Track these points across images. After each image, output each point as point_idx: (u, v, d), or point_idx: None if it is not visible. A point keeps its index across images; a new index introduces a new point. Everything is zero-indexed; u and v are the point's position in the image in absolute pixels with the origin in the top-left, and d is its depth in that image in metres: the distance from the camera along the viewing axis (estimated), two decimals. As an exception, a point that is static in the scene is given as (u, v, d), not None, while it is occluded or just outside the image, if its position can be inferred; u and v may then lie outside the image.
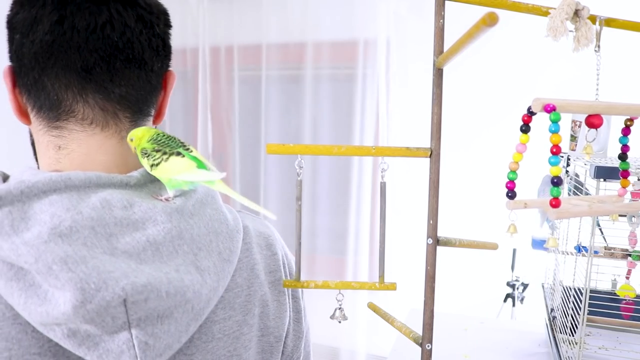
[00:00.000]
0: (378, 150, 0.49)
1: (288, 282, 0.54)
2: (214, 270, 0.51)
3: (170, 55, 0.62)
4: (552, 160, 0.47)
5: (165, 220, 0.49)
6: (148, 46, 0.57)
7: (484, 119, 2.11)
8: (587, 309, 0.87)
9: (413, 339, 0.53)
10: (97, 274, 0.43)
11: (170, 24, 0.61)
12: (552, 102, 0.45)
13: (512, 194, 0.51)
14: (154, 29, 0.58)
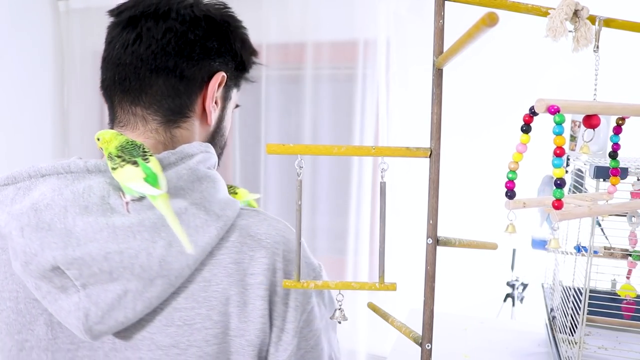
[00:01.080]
0: (378, 150, 0.49)
1: (288, 283, 0.54)
2: (164, 255, 0.54)
3: (214, 57, 0.68)
4: (555, 162, 0.46)
5: (134, 213, 0.55)
6: (175, 54, 0.65)
7: (484, 119, 2.11)
8: (586, 308, 0.87)
9: (413, 339, 0.53)
10: (39, 243, 0.53)
11: (216, 27, 0.68)
12: (556, 103, 0.45)
13: (512, 193, 0.51)
14: (186, 37, 0.65)
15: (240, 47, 0.71)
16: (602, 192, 0.59)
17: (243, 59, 0.72)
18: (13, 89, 2.63)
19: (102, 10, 0.82)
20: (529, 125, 0.50)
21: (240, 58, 0.72)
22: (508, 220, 0.51)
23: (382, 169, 0.51)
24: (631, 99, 0.58)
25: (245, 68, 0.74)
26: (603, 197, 0.58)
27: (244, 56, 0.72)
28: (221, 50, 0.69)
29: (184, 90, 0.66)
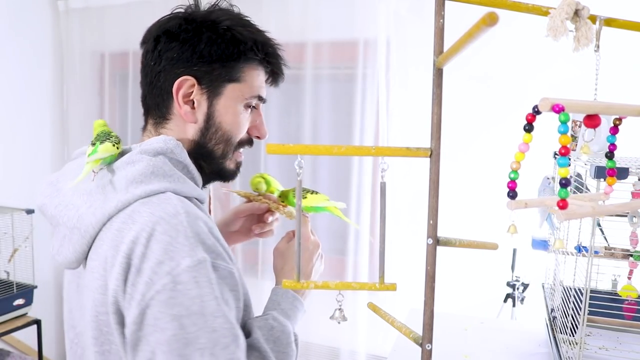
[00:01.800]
0: (378, 150, 0.49)
1: (288, 283, 0.54)
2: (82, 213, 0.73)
3: (176, 65, 0.81)
4: (560, 161, 0.46)
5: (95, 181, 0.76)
6: (150, 71, 0.83)
7: (484, 118, 2.11)
8: (587, 309, 0.86)
9: (413, 339, 0.53)
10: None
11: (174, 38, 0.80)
12: (561, 102, 0.44)
13: (514, 194, 0.51)
14: (153, 53, 0.82)
15: (208, 46, 0.79)
16: (600, 193, 0.59)
17: (216, 57, 0.80)
18: (12, 89, 2.63)
19: (102, 10, 0.85)
20: (531, 124, 0.49)
21: (210, 57, 0.80)
22: (510, 220, 0.51)
23: (382, 169, 0.50)
24: (631, 99, 0.58)
25: (228, 62, 0.81)
26: (600, 198, 0.58)
27: (219, 53, 0.80)
28: (184, 57, 0.80)
29: (161, 99, 0.83)
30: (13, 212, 2.17)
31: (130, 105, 2.74)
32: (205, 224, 0.72)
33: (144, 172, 0.74)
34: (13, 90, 2.63)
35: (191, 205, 0.73)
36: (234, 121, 0.83)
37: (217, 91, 0.81)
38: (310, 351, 2.47)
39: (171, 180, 0.76)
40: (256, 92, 0.84)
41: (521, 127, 0.52)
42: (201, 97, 0.81)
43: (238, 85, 0.82)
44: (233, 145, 0.85)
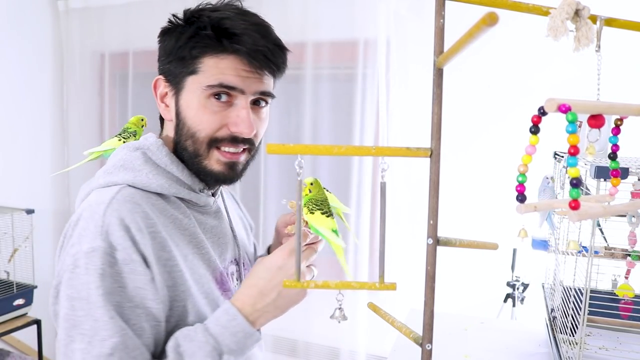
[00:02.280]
0: (378, 150, 0.49)
1: (288, 282, 0.54)
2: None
3: (160, 63, 0.83)
4: (570, 162, 0.45)
5: None
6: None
7: (484, 119, 2.11)
8: (587, 309, 0.86)
9: (413, 339, 0.53)
10: None
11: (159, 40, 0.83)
12: (567, 102, 0.44)
13: (523, 197, 0.50)
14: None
15: (169, 42, 0.81)
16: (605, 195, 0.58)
17: (167, 52, 0.81)
18: (12, 89, 2.63)
19: (102, 10, 0.86)
20: (537, 126, 0.48)
21: (165, 54, 0.82)
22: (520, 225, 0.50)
23: (382, 169, 0.50)
24: (631, 99, 0.58)
25: (178, 55, 0.80)
26: (606, 199, 0.58)
27: (168, 48, 0.81)
28: (159, 58, 0.84)
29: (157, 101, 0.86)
30: (13, 212, 2.18)
31: (130, 105, 2.74)
32: (133, 219, 0.72)
33: (116, 164, 0.80)
34: (13, 90, 2.63)
35: (137, 198, 0.75)
36: (195, 115, 0.79)
37: (179, 86, 0.81)
38: (310, 351, 2.47)
39: (138, 174, 0.78)
40: (215, 80, 0.77)
41: (521, 126, 0.52)
42: (170, 94, 0.83)
43: (196, 77, 0.79)
44: (202, 142, 0.80)
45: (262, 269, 0.79)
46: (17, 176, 2.61)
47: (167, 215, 0.79)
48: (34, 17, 2.74)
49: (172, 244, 0.77)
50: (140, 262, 0.71)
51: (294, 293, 0.79)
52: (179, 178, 0.82)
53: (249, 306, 0.77)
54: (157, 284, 0.73)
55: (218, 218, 0.91)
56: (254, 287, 0.78)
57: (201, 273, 0.81)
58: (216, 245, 0.88)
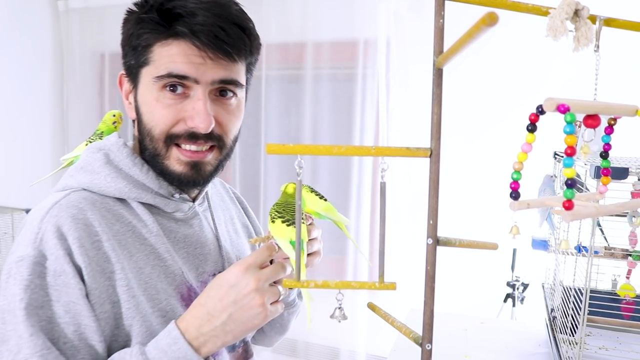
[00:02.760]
0: (378, 150, 0.49)
1: (288, 282, 0.54)
2: None
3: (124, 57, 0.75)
4: (566, 162, 0.45)
5: None
6: None
7: (484, 119, 2.11)
8: (587, 309, 0.86)
9: (413, 339, 0.53)
10: None
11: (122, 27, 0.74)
12: (566, 102, 0.44)
13: (517, 194, 0.50)
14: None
15: (124, 35, 0.74)
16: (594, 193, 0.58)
17: (125, 42, 0.73)
18: (13, 89, 2.63)
19: (102, 10, 0.84)
20: (534, 124, 0.48)
21: (124, 43, 0.74)
22: (512, 222, 0.50)
23: (382, 169, 0.50)
24: (630, 99, 0.58)
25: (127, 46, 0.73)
26: (596, 197, 0.58)
27: (124, 37, 0.73)
28: (123, 51, 0.75)
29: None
30: (13, 212, 2.18)
31: (130, 105, 2.74)
32: (72, 227, 0.66)
33: (77, 167, 0.75)
34: (13, 90, 2.63)
35: (85, 204, 0.69)
36: (148, 110, 0.72)
37: (136, 80, 0.73)
38: (310, 351, 2.47)
39: (96, 177, 0.72)
40: (164, 69, 0.69)
41: (521, 126, 0.52)
42: (130, 89, 0.76)
43: (149, 69, 0.71)
44: (158, 139, 0.72)
45: (213, 287, 0.69)
46: (17, 176, 2.61)
47: (124, 223, 0.72)
48: (34, 17, 2.74)
49: (122, 255, 0.69)
50: (73, 275, 0.64)
51: (248, 317, 0.68)
52: (141, 181, 0.74)
53: (194, 329, 0.67)
54: (94, 299, 0.66)
55: (194, 226, 0.81)
56: (201, 307, 0.68)
57: (160, 288, 0.72)
58: (190, 257, 0.79)
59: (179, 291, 0.75)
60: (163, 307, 0.72)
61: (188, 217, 0.81)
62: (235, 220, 0.97)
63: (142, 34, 0.70)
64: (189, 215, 0.81)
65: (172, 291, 0.74)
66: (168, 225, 0.77)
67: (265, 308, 0.68)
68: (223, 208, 0.95)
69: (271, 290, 0.69)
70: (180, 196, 0.79)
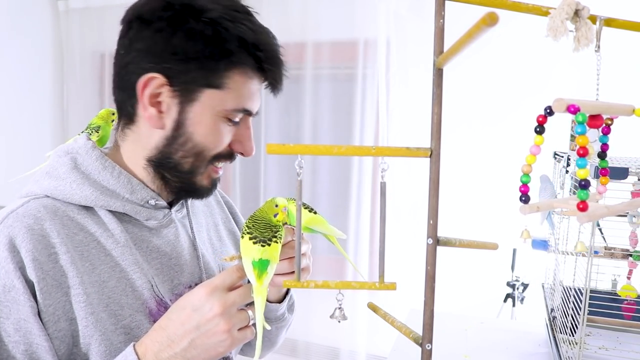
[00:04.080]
0: (378, 150, 0.49)
1: (288, 283, 0.54)
2: None
3: (143, 59, 0.67)
4: (579, 163, 0.44)
5: None
6: (123, 53, 0.69)
7: (484, 119, 2.11)
8: (587, 309, 0.86)
9: (413, 339, 0.53)
10: None
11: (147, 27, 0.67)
12: (576, 103, 0.44)
13: (527, 198, 0.49)
14: (120, 44, 0.69)
15: (183, 42, 0.65)
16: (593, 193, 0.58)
17: (192, 56, 0.66)
18: (13, 89, 2.63)
19: (102, 10, 0.82)
20: (542, 126, 0.48)
21: (185, 55, 0.66)
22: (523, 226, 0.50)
23: (382, 169, 0.50)
24: (631, 99, 0.58)
25: (206, 65, 0.67)
26: (595, 198, 0.58)
27: (196, 52, 0.66)
28: (154, 50, 0.66)
29: (127, 96, 0.70)
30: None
31: (130, 105, 2.74)
32: (27, 238, 0.62)
33: (42, 172, 0.72)
34: (13, 90, 2.63)
35: (44, 213, 0.65)
36: (208, 133, 0.69)
37: (191, 96, 0.68)
38: (310, 351, 2.47)
39: (61, 183, 0.69)
40: (242, 104, 0.70)
41: (521, 126, 0.52)
42: (171, 100, 0.68)
43: (218, 93, 0.68)
44: (206, 160, 0.72)
45: (175, 309, 0.65)
46: (17, 176, 2.61)
47: (88, 232, 0.68)
48: (34, 17, 2.74)
49: (83, 268, 0.65)
50: (23, 291, 0.61)
51: (211, 343, 0.63)
52: (113, 186, 0.71)
53: (153, 354, 0.63)
54: (48, 316, 0.62)
55: (169, 234, 0.76)
56: (162, 331, 0.64)
57: (124, 303, 0.68)
58: (165, 267, 0.74)
59: (147, 306, 0.70)
60: (127, 323, 0.67)
61: (162, 225, 0.76)
62: (220, 227, 0.92)
63: (226, 60, 0.67)
64: (164, 223, 0.76)
65: (139, 306, 0.69)
66: (140, 235, 0.73)
67: (231, 335, 0.63)
68: (207, 214, 0.90)
69: (239, 316, 0.65)
70: (156, 203, 0.74)
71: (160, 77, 0.67)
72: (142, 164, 0.74)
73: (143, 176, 0.74)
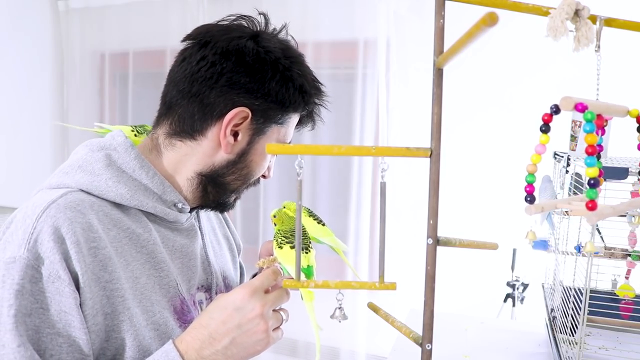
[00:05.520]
0: (378, 150, 0.49)
1: (288, 282, 0.54)
2: None
3: (239, 91, 0.72)
4: (588, 161, 0.43)
5: None
6: (201, 82, 0.71)
7: (484, 119, 2.11)
8: (587, 309, 0.86)
9: (413, 339, 0.53)
10: None
11: (249, 63, 0.72)
12: (584, 102, 0.43)
13: (532, 198, 0.48)
14: (215, 67, 0.71)
15: (278, 86, 0.73)
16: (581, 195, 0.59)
17: (280, 99, 0.74)
18: (13, 89, 2.63)
19: (102, 10, 0.82)
20: (548, 125, 0.47)
21: (275, 97, 0.74)
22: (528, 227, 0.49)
23: (382, 169, 0.50)
24: (631, 99, 0.58)
25: (287, 107, 0.76)
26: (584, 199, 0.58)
27: (285, 96, 0.74)
28: (250, 87, 0.72)
29: (200, 115, 0.73)
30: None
31: (130, 105, 2.74)
32: (71, 229, 0.62)
33: (73, 165, 0.71)
34: (13, 90, 2.63)
35: (84, 206, 0.65)
36: (262, 163, 0.79)
37: (263, 130, 0.76)
38: (311, 351, 2.47)
39: (96, 179, 0.69)
40: (290, 137, 0.81)
41: (521, 126, 0.52)
42: (247, 131, 0.75)
43: (280, 128, 0.78)
44: (249, 183, 0.80)
45: (216, 308, 0.67)
46: (17, 176, 2.61)
47: (122, 229, 0.69)
48: (34, 17, 2.74)
49: (119, 264, 0.67)
50: (68, 282, 0.61)
51: (251, 342, 0.67)
52: (147, 185, 0.73)
53: (194, 351, 0.66)
54: (87, 310, 0.63)
55: (190, 237, 0.81)
56: (203, 329, 0.67)
57: (154, 300, 0.70)
58: (185, 268, 0.78)
59: (172, 303, 0.72)
60: (157, 319, 0.69)
61: (185, 228, 0.80)
62: (217, 231, 0.96)
63: (299, 102, 0.77)
64: (186, 227, 0.80)
65: (166, 303, 0.72)
66: (166, 234, 0.76)
67: (269, 334, 0.68)
68: (206, 219, 0.94)
69: (275, 316, 0.70)
70: (182, 207, 0.78)
71: (247, 111, 0.73)
72: (189, 175, 0.77)
73: (182, 183, 0.78)
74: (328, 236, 0.85)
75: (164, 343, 0.69)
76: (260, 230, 2.50)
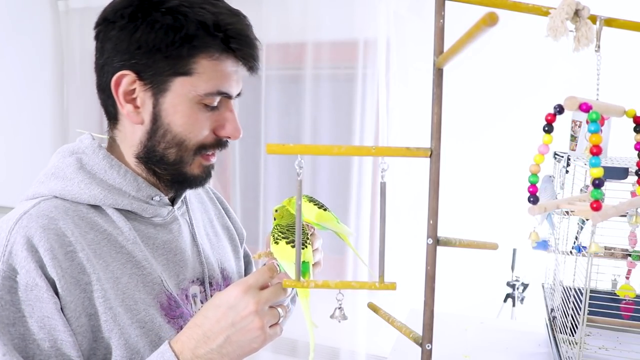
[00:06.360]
0: (378, 150, 0.49)
1: (288, 282, 0.54)
2: None
3: (112, 58, 0.69)
4: (593, 162, 0.43)
5: None
6: (97, 57, 0.71)
7: (484, 119, 2.11)
8: (587, 309, 0.86)
9: (413, 339, 0.53)
10: None
11: (111, 27, 0.69)
12: (588, 102, 0.43)
13: (535, 198, 0.48)
14: (98, 40, 0.71)
15: (145, 34, 0.67)
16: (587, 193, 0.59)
17: (157, 46, 0.67)
18: (12, 89, 2.62)
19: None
20: (551, 125, 0.47)
21: (152, 46, 0.67)
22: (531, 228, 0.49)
23: (382, 169, 0.50)
24: (631, 99, 0.58)
25: (173, 53, 0.68)
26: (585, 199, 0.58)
27: (162, 41, 0.67)
28: (120, 48, 0.68)
29: (106, 97, 0.73)
30: (13, 212, 2.17)
31: (130, 105, 2.74)
32: (43, 237, 0.63)
33: (47, 173, 0.73)
34: (13, 90, 2.63)
35: (56, 213, 0.66)
36: (185, 122, 0.71)
37: (162, 87, 0.69)
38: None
39: (68, 183, 0.70)
40: (215, 87, 0.70)
41: (521, 126, 0.52)
42: (144, 94, 0.70)
43: (189, 79, 0.69)
44: (190, 149, 0.73)
45: (210, 307, 0.67)
46: (17, 176, 2.61)
47: (99, 231, 0.70)
48: (34, 17, 2.73)
49: (98, 265, 0.67)
50: (46, 288, 0.62)
51: (246, 340, 0.66)
52: (120, 183, 0.72)
53: (189, 351, 0.65)
54: (70, 312, 0.63)
55: (173, 231, 0.79)
56: (198, 328, 0.66)
57: (138, 298, 0.70)
58: (170, 263, 0.77)
59: (158, 300, 0.73)
60: (142, 317, 0.70)
61: (167, 222, 0.79)
62: (214, 222, 0.94)
63: (190, 46, 0.68)
64: (168, 220, 0.79)
65: (151, 300, 0.72)
66: (146, 232, 0.75)
67: (264, 331, 0.67)
68: (202, 210, 0.92)
69: (271, 313, 0.68)
70: (160, 199, 0.77)
71: (130, 74, 0.69)
72: (133, 161, 0.75)
73: (138, 173, 0.76)
74: (330, 221, 0.81)
75: (151, 340, 0.70)
76: (260, 230, 2.50)
